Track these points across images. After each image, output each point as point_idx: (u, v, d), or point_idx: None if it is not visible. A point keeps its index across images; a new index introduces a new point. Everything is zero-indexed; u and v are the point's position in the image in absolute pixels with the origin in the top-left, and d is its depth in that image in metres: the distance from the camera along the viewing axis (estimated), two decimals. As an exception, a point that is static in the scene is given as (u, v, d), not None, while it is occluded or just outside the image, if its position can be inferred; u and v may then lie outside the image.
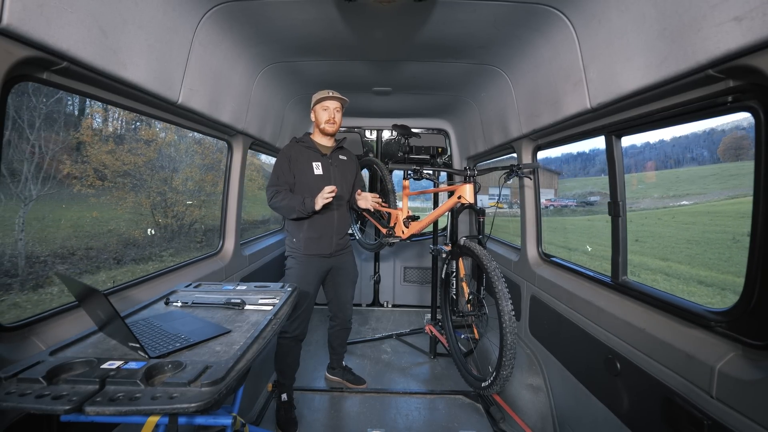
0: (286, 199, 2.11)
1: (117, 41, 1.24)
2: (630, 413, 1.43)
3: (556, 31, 1.65)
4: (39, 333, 1.20)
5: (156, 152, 5.30)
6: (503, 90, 2.39)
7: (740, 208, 6.07)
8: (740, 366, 1.02)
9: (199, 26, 1.62)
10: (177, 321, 1.32)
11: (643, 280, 2.28)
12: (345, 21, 1.79)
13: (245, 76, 2.21)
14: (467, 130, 3.45)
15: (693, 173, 8.24)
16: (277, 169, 2.20)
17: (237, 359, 1.02)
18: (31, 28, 0.95)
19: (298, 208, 2.08)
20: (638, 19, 1.21)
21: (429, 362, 3.06)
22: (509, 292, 1.60)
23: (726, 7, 0.91)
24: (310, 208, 2.07)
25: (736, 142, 5.99)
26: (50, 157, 3.76)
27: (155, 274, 1.87)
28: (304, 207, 2.08)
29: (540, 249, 2.44)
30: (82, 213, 4.16)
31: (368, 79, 2.72)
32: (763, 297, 1.01)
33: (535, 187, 2.43)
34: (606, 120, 1.65)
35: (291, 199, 2.10)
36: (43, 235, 3.69)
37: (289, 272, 2.28)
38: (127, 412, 0.85)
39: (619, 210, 1.69)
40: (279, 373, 2.28)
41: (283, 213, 2.19)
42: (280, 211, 2.20)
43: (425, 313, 3.92)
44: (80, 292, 1.09)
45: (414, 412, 2.38)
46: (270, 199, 2.16)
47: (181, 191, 5.65)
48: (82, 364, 0.98)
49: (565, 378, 1.93)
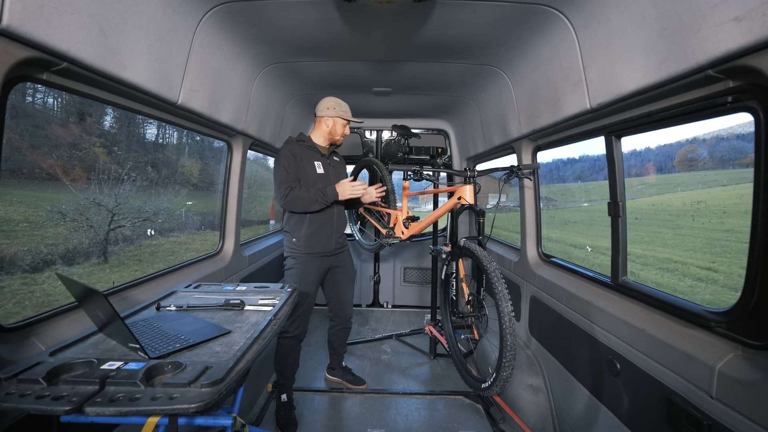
0: (303, 192, 2.14)
1: (117, 42, 1.24)
2: (630, 413, 1.43)
3: (555, 31, 1.65)
4: (39, 334, 1.20)
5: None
6: (503, 90, 2.39)
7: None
8: (740, 366, 1.02)
9: (199, 27, 1.62)
10: (177, 321, 1.32)
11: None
12: (345, 21, 1.79)
13: (245, 76, 2.21)
14: (467, 130, 3.46)
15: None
16: (286, 165, 2.18)
17: (237, 360, 1.02)
18: (31, 29, 0.95)
19: (320, 200, 2.12)
20: (638, 20, 1.21)
21: (429, 363, 3.06)
22: (509, 293, 1.60)
23: (726, 7, 0.92)
24: (332, 196, 2.14)
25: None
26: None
27: (155, 275, 1.87)
28: (325, 197, 2.13)
29: (540, 249, 2.44)
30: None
31: (368, 80, 2.72)
32: (763, 297, 1.01)
33: (535, 187, 2.43)
34: (606, 120, 1.65)
35: (309, 192, 2.13)
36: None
37: (290, 272, 2.28)
38: (127, 413, 0.85)
39: (619, 210, 1.68)
40: (279, 373, 2.28)
41: (303, 206, 2.16)
42: (297, 205, 2.16)
43: (425, 313, 3.92)
44: (80, 292, 1.09)
45: (414, 412, 2.38)
46: (284, 196, 2.13)
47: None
48: (82, 365, 0.98)
49: (565, 378, 1.93)
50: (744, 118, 1.05)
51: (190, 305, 1.49)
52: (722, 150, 7.43)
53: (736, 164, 7.29)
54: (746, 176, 6.70)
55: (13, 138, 2.50)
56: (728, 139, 7.10)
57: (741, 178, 7.36)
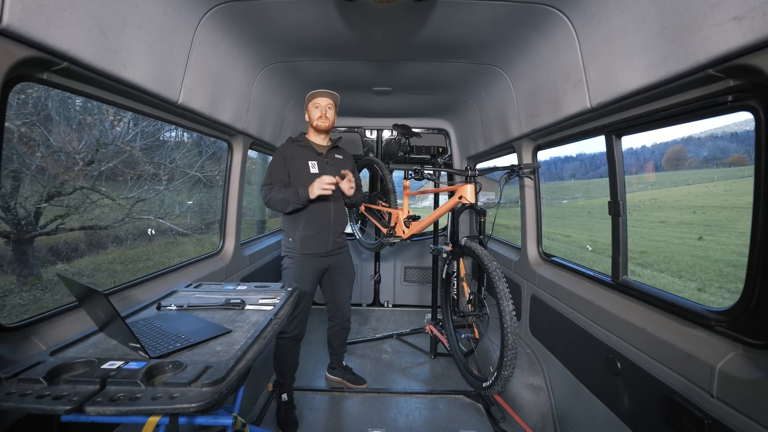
0: (280, 192, 2.10)
1: (117, 41, 1.24)
2: (630, 413, 1.43)
3: (556, 30, 1.65)
4: (39, 333, 1.20)
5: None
6: (503, 90, 2.39)
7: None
8: (741, 365, 1.02)
9: (199, 26, 1.62)
10: (177, 321, 1.32)
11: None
12: (345, 21, 1.79)
13: (245, 76, 2.21)
14: (467, 129, 3.45)
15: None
16: (272, 168, 2.20)
17: (237, 359, 1.02)
18: (31, 29, 0.95)
19: (293, 200, 2.07)
20: (638, 19, 1.20)
21: (429, 362, 3.06)
22: (510, 292, 1.60)
23: (726, 6, 0.91)
24: (304, 197, 2.06)
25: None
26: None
27: (156, 274, 1.87)
28: (298, 197, 2.07)
29: (540, 249, 2.44)
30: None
31: (368, 79, 2.72)
32: (763, 297, 1.01)
33: (535, 186, 2.43)
34: (606, 119, 1.65)
35: (284, 192, 2.10)
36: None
37: (286, 272, 2.27)
38: (127, 412, 0.85)
39: (620, 210, 1.68)
40: (279, 373, 2.28)
41: (279, 208, 2.16)
42: (275, 207, 2.17)
43: (426, 312, 3.92)
44: (81, 292, 1.09)
45: (414, 412, 2.38)
46: (264, 197, 2.15)
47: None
48: (83, 365, 0.98)
49: (566, 378, 1.93)
50: (710, 123, 1.08)
51: (191, 305, 1.49)
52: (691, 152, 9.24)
53: (720, 164, 8.68)
54: (709, 176, 9.09)
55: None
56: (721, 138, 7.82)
57: (706, 177, 9.12)
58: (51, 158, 3.21)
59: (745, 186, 7.58)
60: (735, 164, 7.86)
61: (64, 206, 3.44)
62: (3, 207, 2.90)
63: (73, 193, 3.51)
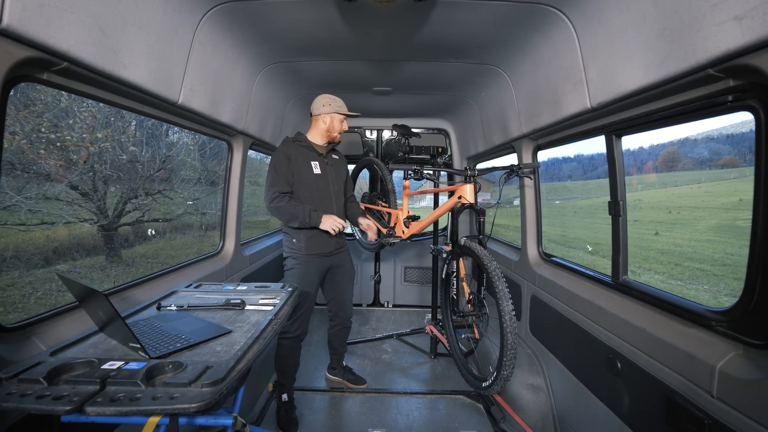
0: (291, 205, 2.12)
1: (117, 41, 1.24)
2: (631, 413, 1.43)
3: (556, 30, 1.65)
4: (39, 333, 1.20)
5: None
6: (503, 90, 2.39)
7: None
8: (741, 365, 1.02)
9: (199, 26, 1.62)
10: (177, 321, 1.32)
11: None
12: (345, 21, 1.79)
13: (245, 76, 2.21)
14: (467, 129, 3.45)
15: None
16: (278, 168, 2.17)
17: (238, 359, 1.02)
18: (31, 29, 0.95)
19: (303, 220, 2.11)
20: (638, 19, 1.20)
21: (429, 362, 3.06)
22: (510, 292, 1.60)
23: (726, 6, 0.91)
24: (315, 222, 2.12)
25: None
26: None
27: (156, 274, 1.87)
28: (308, 220, 2.11)
29: (540, 249, 2.44)
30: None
31: (368, 79, 2.72)
32: (763, 297, 1.01)
33: (535, 186, 2.43)
34: (606, 119, 1.65)
35: (296, 208, 2.11)
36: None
37: (289, 273, 2.27)
38: (127, 413, 0.85)
39: (620, 210, 1.68)
40: (279, 373, 2.28)
41: (284, 219, 2.17)
42: (281, 216, 2.17)
43: (426, 313, 3.92)
44: (81, 292, 1.09)
45: (414, 412, 2.38)
46: (271, 200, 2.13)
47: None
48: (83, 365, 0.98)
49: (566, 378, 1.93)
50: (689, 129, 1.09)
51: (191, 305, 1.49)
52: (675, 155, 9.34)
53: (712, 166, 8.70)
54: (698, 178, 9.14)
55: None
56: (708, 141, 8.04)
57: (694, 179, 9.38)
58: (132, 168, 4.26)
59: (725, 188, 7.82)
60: (727, 166, 8.00)
61: (140, 204, 4.43)
62: (99, 207, 3.86)
63: (147, 196, 4.53)
